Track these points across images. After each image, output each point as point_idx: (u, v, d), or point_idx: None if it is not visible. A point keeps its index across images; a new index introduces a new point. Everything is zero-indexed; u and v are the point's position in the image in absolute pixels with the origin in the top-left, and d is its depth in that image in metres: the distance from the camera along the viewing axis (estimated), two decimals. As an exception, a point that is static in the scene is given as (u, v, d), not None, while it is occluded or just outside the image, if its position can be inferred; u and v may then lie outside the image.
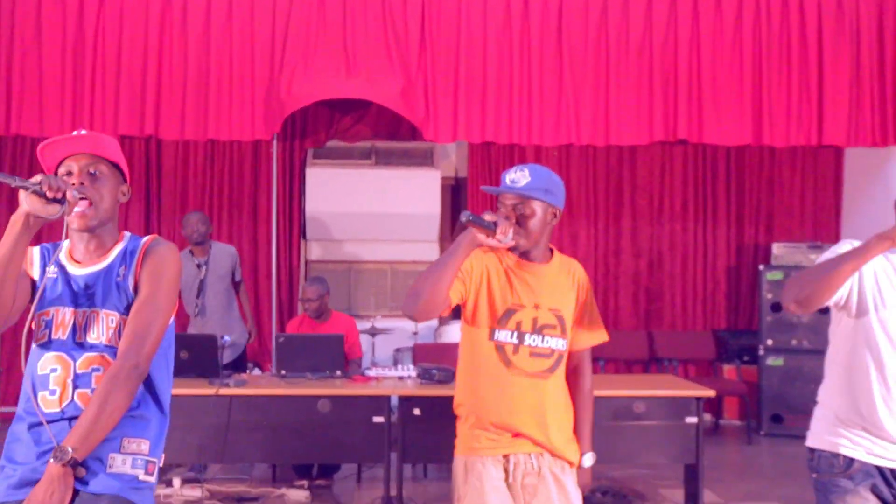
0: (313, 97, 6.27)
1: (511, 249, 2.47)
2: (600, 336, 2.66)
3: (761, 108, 6.41)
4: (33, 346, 2.07)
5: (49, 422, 2.00)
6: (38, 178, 1.89)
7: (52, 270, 2.09)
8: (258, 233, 7.47)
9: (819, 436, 2.40)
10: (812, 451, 2.41)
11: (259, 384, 4.53)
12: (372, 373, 4.77)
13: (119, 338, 2.03)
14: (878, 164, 7.02)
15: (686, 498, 4.63)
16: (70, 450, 1.88)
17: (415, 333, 6.46)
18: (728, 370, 7.19)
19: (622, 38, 6.48)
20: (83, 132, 2.12)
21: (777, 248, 7.18)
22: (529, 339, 2.46)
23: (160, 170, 7.46)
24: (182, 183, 7.45)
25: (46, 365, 2.03)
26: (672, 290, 7.71)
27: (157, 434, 2.10)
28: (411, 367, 4.85)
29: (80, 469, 1.93)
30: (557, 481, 2.49)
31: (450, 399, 4.39)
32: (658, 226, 7.71)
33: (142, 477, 2.04)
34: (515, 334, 2.45)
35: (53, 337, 2.04)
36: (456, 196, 7.97)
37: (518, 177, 2.47)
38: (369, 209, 7.33)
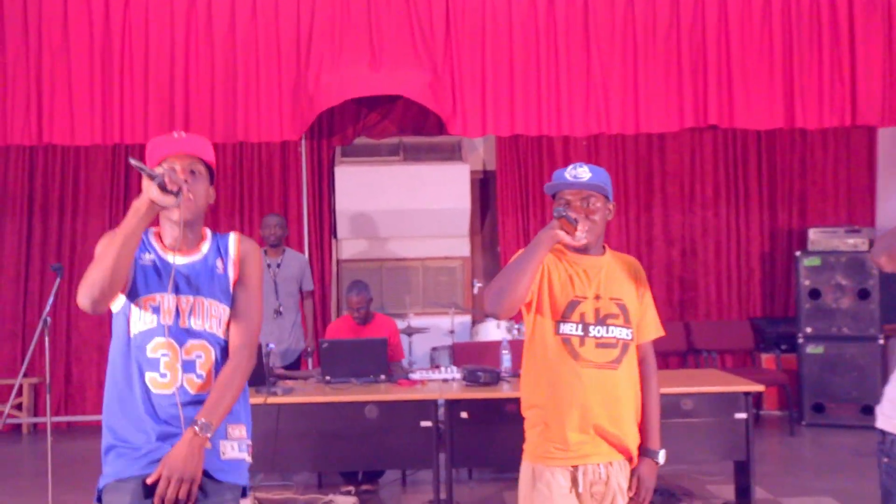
0: (342, 95, 6.22)
1: (574, 248, 2.46)
2: (659, 329, 2.63)
3: (793, 89, 6.29)
4: (137, 330, 2.17)
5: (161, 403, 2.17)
6: (160, 169, 2.08)
7: (147, 258, 2.21)
8: (289, 234, 7.45)
9: (891, 418, 2.27)
10: (883, 434, 2.28)
11: (305, 391, 4.51)
12: (416, 376, 4.75)
13: (219, 326, 2.22)
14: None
15: (736, 494, 4.58)
16: (208, 423, 2.08)
17: (451, 332, 6.42)
18: (767, 360, 7.10)
19: (649, 23, 6.38)
20: (183, 134, 2.28)
21: (814, 234, 7.08)
22: (594, 330, 2.43)
23: (189, 173, 7.44)
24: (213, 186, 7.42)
25: (157, 349, 2.16)
26: (706, 278, 7.64)
27: (247, 419, 2.33)
28: (454, 368, 4.82)
29: (208, 442, 2.12)
30: (622, 491, 2.48)
31: (497, 402, 4.46)
32: (690, 213, 7.63)
33: (247, 459, 2.30)
34: (580, 326, 2.43)
35: (161, 322, 2.16)
36: (485, 190, 7.92)
37: (580, 173, 2.48)
38: (399, 206, 7.30)
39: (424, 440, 4.32)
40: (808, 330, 6.76)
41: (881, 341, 6.63)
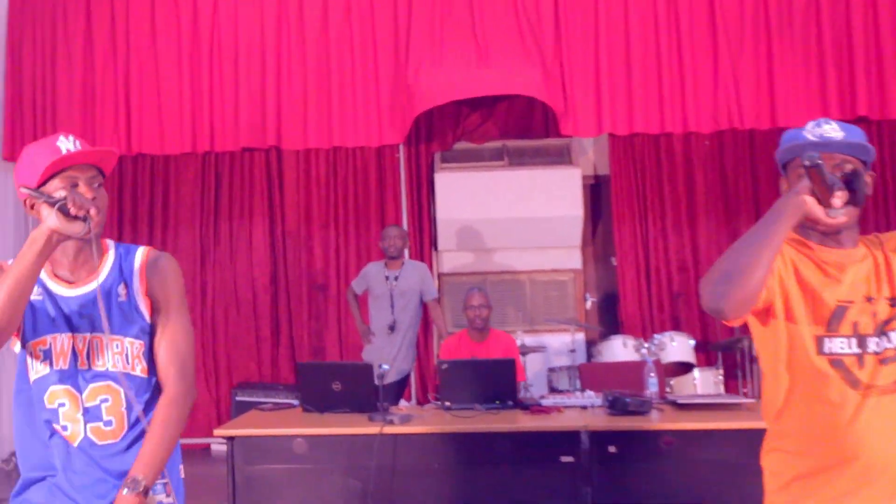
0: (446, 95, 5.74)
1: (822, 229, 1.77)
2: None
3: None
4: (33, 378, 1.91)
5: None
6: (60, 193, 1.78)
7: (35, 292, 1.89)
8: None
9: None
10: None
11: (424, 419, 3.96)
12: (549, 401, 4.14)
13: (129, 361, 1.92)
14: None
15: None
16: (142, 478, 1.83)
17: (572, 351, 5.81)
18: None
19: (784, 7, 5.74)
20: (71, 138, 1.90)
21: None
22: (873, 344, 1.76)
23: (282, 183, 7.07)
24: (305, 195, 7.03)
25: (54, 399, 1.90)
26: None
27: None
28: (591, 394, 4.20)
29: (152, 498, 1.90)
30: None
31: (651, 434, 3.81)
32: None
33: (164, 501, 1.99)
34: (854, 341, 1.77)
35: (55, 367, 1.90)
36: (596, 196, 7.28)
37: (828, 130, 1.81)
38: (504, 214, 6.73)
39: (565, 477, 3.69)
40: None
41: None
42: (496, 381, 4.15)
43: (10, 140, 6.05)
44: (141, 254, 2.00)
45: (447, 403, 4.15)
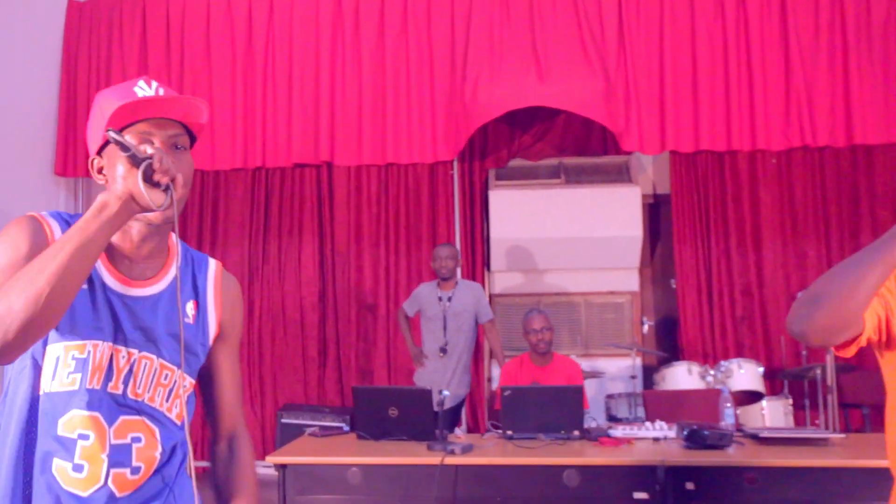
0: (504, 107, 5.51)
1: None
2: None
3: None
4: (50, 389, 1.41)
5: None
6: (146, 147, 1.37)
7: None
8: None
9: None
10: None
11: (486, 449, 3.73)
12: (619, 433, 3.89)
13: (168, 400, 1.48)
14: None
15: None
16: None
17: (633, 378, 5.54)
18: None
19: (862, 17, 5.45)
20: (160, 89, 1.47)
21: None
22: None
23: (332, 200, 6.92)
24: (356, 213, 6.87)
25: (73, 426, 1.41)
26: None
27: None
28: (664, 425, 3.94)
29: None
30: None
31: (733, 470, 3.50)
32: (905, 240, 6.47)
33: None
34: None
35: (88, 385, 1.41)
36: (655, 215, 7.01)
37: None
38: (560, 234, 6.50)
39: (638, 517, 3.44)
40: None
41: None
42: (561, 410, 3.92)
43: (62, 156, 5.98)
44: (214, 268, 1.61)
45: (509, 432, 3.92)
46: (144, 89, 1.44)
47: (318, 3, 5.69)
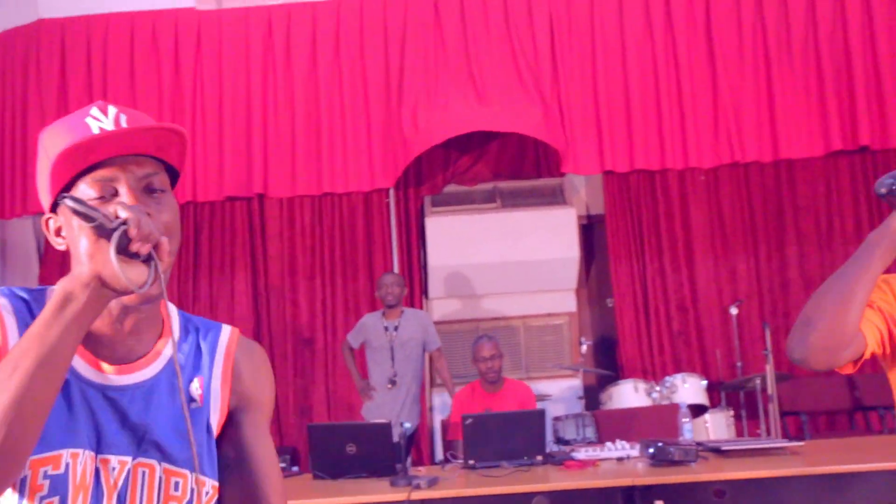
0: (444, 133, 5.47)
1: None
2: None
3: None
4: None
5: None
6: (117, 209, 1.00)
7: None
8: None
9: None
10: None
11: (452, 481, 3.62)
12: (581, 455, 3.85)
13: None
14: None
15: None
16: None
17: (580, 398, 5.52)
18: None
19: (783, 37, 5.65)
20: (122, 117, 1.11)
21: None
22: None
23: (264, 233, 6.73)
24: (289, 245, 6.70)
25: None
26: (856, 323, 6.66)
27: None
28: (626, 444, 3.92)
29: None
30: None
31: (697, 486, 3.49)
32: (828, 251, 6.69)
33: None
34: None
35: None
36: (589, 236, 7.08)
37: None
38: (497, 258, 6.47)
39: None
40: None
41: None
42: (523, 435, 3.85)
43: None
44: (228, 335, 1.26)
45: (471, 462, 3.83)
46: (100, 119, 1.09)
47: (248, 31, 5.55)
